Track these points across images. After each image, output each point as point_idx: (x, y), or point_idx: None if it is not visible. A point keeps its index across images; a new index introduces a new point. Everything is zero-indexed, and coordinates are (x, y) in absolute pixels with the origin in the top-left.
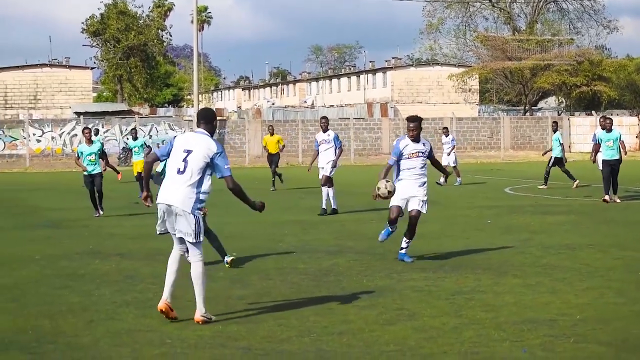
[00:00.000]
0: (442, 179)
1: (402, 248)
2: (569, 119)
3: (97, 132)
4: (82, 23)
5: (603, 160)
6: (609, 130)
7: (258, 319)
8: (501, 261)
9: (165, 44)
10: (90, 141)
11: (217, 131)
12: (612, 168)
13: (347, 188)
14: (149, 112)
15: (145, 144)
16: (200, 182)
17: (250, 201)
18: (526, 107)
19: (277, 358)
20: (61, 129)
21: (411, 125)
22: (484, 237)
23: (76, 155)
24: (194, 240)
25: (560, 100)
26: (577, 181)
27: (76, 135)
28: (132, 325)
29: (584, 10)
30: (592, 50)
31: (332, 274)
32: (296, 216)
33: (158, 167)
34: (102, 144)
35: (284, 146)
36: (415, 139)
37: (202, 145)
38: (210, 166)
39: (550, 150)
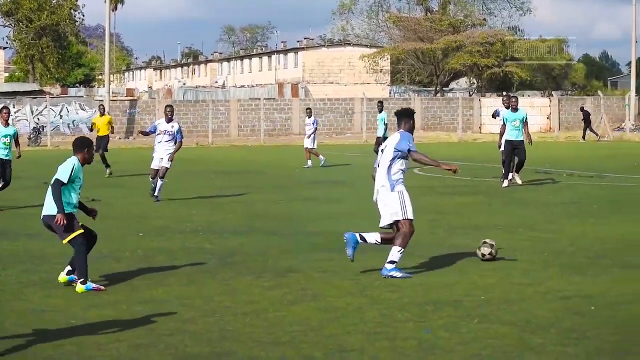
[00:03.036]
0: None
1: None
2: (479, 100)
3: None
4: None
5: (506, 141)
6: (515, 109)
7: (162, 299)
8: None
9: (77, 23)
10: (7, 123)
11: (128, 111)
12: (514, 149)
13: (257, 167)
14: (60, 92)
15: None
16: None
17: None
18: (437, 88)
19: (180, 338)
20: None
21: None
22: None
23: None
24: None
25: (471, 81)
26: None
27: None
28: (37, 305)
29: None
30: (504, 32)
31: (238, 254)
32: (205, 196)
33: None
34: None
35: (113, 128)
36: None
37: None
38: None
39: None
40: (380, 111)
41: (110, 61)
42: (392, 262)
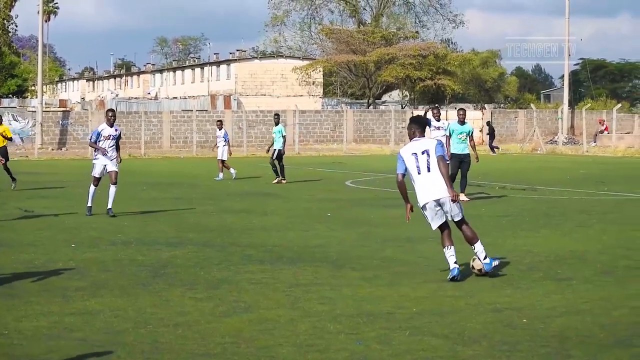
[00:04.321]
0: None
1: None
2: (412, 113)
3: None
4: None
5: (452, 154)
6: (462, 122)
7: (95, 311)
8: (340, 254)
9: (10, 34)
10: None
11: (61, 122)
12: (461, 162)
13: (189, 179)
14: None
15: None
16: None
17: None
18: (369, 101)
19: (113, 349)
20: None
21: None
22: (323, 230)
23: None
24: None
25: (404, 94)
26: (280, 178)
27: None
28: None
29: (430, 4)
30: (437, 44)
31: (170, 265)
32: (137, 208)
33: None
34: None
35: (11, 138)
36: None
37: None
38: None
39: (272, 145)
40: (277, 124)
41: (43, 72)
42: (486, 256)
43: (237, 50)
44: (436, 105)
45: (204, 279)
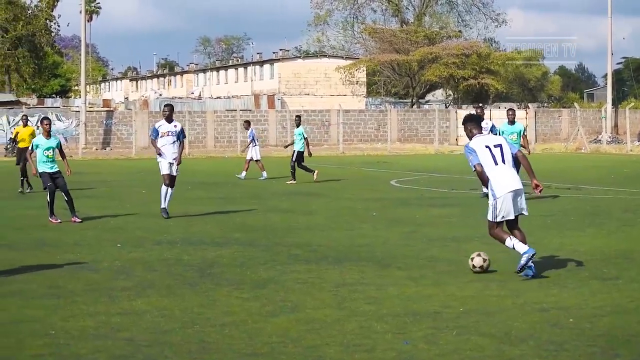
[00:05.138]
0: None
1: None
2: (456, 112)
3: (26, 119)
4: None
5: None
6: (512, 122)
7: (141, 310)
8: (385, 253)
9: (53, 34)
10: (49, 134)
11: (104, 122)
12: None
13: (234, 179)
14: (36, 102)
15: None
16: None
17: None
18: (413, 100)
19: (160, 349)
20: None
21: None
22: (368, 230)
23: (30, 148)
24: None
25: (447, 93)
26: (316, 172)
27: None
28: (15, 316)
29: (473, 3)
30: (479, 43)
31: (217, 265)
32: (182, 208)
33: None
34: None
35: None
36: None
37: None
38: None
39: (292, 143)
40: (298, 125)
41: (87, 72)
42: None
43: (280, 50)
44: (480, 104)
45: (250, 278)
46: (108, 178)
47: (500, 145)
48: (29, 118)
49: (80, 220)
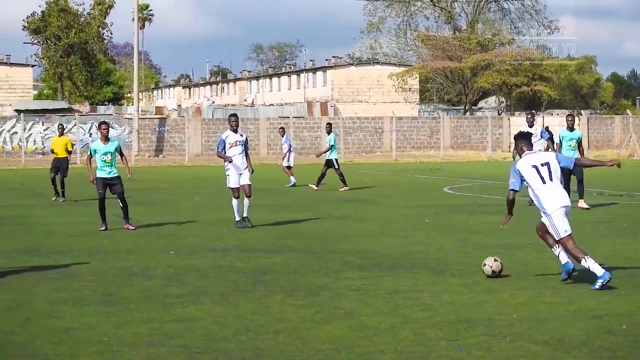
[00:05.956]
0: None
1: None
2: (509, 119)
3: (62, 128)
4: (23, 20)
5: None
6: (571, 129)
7: (195, 318)
8: (439, 260)
9: (105, 41)
10: (106, 139)
11: (157, 129)
12: (570, 170)
13: (284, 187)
14: (89, 110)
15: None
16: None
17: None
18: (466, 107)
19: (213, 356)
20: (1, 127)
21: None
22: (422, 236)
23: (88, 154)
24: None
25: (500, 100)
26: (317, 189)
27: (16, 132)
28: (69, 323)
29: (525, 10)
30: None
31: (270, 272)
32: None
33: None
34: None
35: (71, 151)
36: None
37: None
38: None
39: (327, 151)
40: (329, 133)
41: (139, 79)
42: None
43: (333, 57)
44: (531, 111)
45: (303, 285)
46: (161, 185)
47: (547, 164)
48: (65, 127)
49: (133, 227)
